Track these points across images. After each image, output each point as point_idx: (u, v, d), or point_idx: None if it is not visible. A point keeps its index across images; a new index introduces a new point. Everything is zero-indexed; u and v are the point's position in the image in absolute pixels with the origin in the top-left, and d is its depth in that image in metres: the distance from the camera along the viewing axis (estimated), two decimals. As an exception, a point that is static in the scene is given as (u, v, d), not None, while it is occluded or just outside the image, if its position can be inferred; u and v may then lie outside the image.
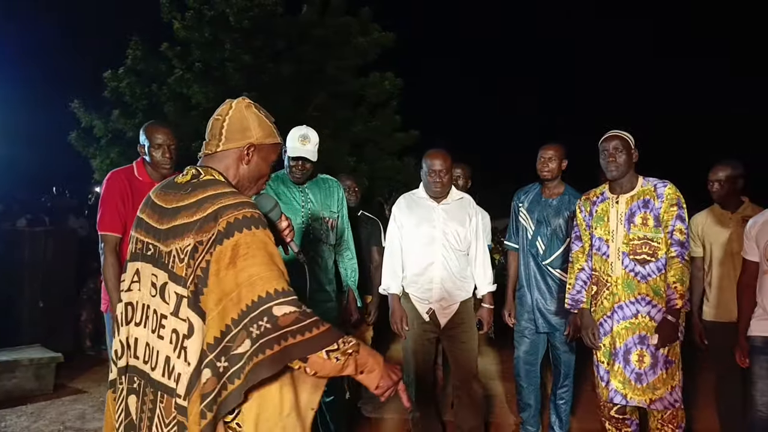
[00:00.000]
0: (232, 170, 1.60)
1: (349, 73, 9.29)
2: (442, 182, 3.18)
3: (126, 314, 1.58)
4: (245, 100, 1.64)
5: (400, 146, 9.70)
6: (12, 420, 3.98)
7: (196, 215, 1.45)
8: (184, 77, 8.50)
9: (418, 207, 3.29)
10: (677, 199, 2.80)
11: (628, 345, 2.79)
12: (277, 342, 1.36)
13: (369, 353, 1.50)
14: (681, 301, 2.71)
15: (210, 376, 1.38)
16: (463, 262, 3.26)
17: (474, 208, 3.33)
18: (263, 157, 1.63)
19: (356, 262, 3.31)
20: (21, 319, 5.55)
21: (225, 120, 1.60)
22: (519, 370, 3.58)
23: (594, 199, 2.99)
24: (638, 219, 2.81)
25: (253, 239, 1.42)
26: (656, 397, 2.75)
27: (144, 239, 1.55)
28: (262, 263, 1.41)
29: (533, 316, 3.47)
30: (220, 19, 8.61)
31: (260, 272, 1.40)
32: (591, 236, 2.97)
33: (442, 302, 3.21)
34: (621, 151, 2.83)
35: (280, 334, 1.37)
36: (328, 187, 3.19)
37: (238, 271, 1.39)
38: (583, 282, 3.01)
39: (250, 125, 1.60)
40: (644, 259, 2.79)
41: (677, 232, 2.77)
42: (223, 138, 1.59)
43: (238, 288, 1.39)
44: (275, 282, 1.41)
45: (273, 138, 1.65)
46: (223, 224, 1.42)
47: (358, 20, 9.27)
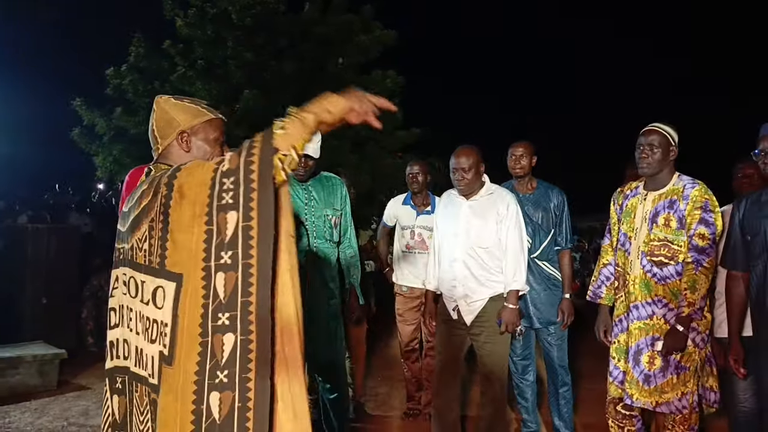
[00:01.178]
0: (180, 161, 1.63)
1: (351, 70, 9.29)
2: (465, 180, 3.18)
3: (110, 319, 1.62)
4: (162, 97, 1.71)
5: (401, 144, 9.70)
6: (16, 416, 4.00)
7: (142, 203, 1.50)
8: (186, 75, 8.51)
9: (450, 204, 3.34)
10: (704, 201, 2.63)
11: (639, 345, 2.72)
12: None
13: (318, 101, 1.55)
14: (688, 309, 2.60)
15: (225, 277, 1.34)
16: (489, 259, 3.19)
17: (506, 203, 3.20)
18: (202, 138, 1.68)
19: (359, 260, 3.33)
20: (23, 315, 5.56)
21: (153, 123, 1.69)
22: (514, 368, 3.59)
23: (627, 193, 2.89)
24: (661, 219, 2.69)
25: (188, 169, 1.45)
26: (663, 401, 2.67)
27: (119, 246, 1.61)
28: (197, 166, 1.45)
29: (527, 311, 3.46)
30: (222, 16, 8.62)
31: (200, 164, 1.45)
32: (618, 230, 2.90)
33: (467, 299, 3.19)
34: (656, 148, 2.68)
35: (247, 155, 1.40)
36: (332, 185, 3.21)
37: (187, 190, 1.40)
38: (606, 277, 2.97)
39: (173, 116, 1.66)
40: (661, 261, 2.68)
41: (697, 237, 2.62)
42: (158, 138, 1.67)
43: (197, 190, 1.39)
44: (213, 164, 1.43)
45: (201, 116, 1.69)
46: (163, 190, 1.44)
47: (359, 18, 9.27)
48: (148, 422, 1.45)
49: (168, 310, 1.39)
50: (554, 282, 3.47)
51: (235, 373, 1.31)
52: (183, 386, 1.33)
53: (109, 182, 10.67)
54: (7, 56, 14.49)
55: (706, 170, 3.44)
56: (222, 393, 1.31)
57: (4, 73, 13.30)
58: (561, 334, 3.49)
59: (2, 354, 4.52)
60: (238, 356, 1.31)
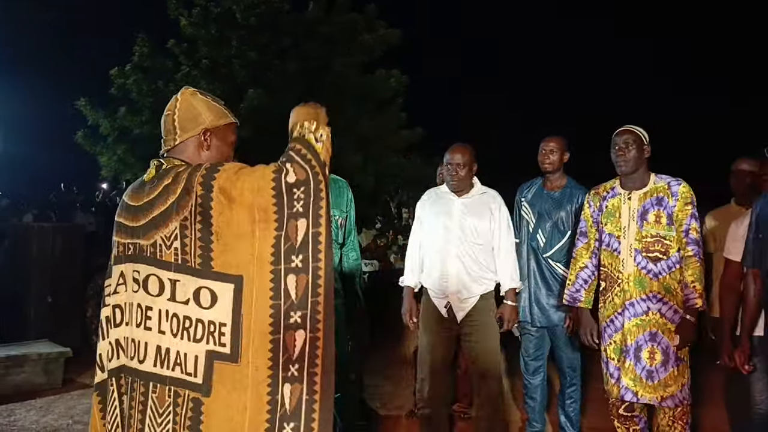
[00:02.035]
0: (195, 159, 1.62)
1: (355, 70, 9.28)
2: (458, 176, 3.21)
3: (114, 317, 1.60)
4: (188, 89, 1.68)
5: (405, 144, 9.69)
6: (21, 414, 4.01)
7: (169, 200, 1.49)
8: (191, 74, 8.51)
9: (439, 201, 3.34)
10: (691, 197, 2.78)
11: (639, 342, 2.78)
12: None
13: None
14: (701, 301, 2.70)
15: (296, 278, 1.42)
16: (483, 255, 3.24)
17: (497, 203, 3.30)
18: (221, 139, 1.67)
19: (361, 263, 3.34)
20: (28, 314, 5.58)
21: (175, 113, 1.64)
22: (525, 367, 3.58)
23: (604, 194, 2.96)
24: (651, 216, 2.79)
25: (228, 173, 1.46)
26: (668, 395, 2.74)
27: (124, 241, 1.59)
28: (250, 173, 1.46)
29: (530, 310, 3.45)
30: (226, 16, 8.63)
31: (254, 173, 1.46)
32: (600, 232, 2.95)
33: (459, 295, 3.20)
34: (631, 145, 2.80)
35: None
36: (339, 187, 3.23)
37: (238, 195, 1.43)
38: (584, 281, 3.00)
39: (200, 112, 1.64)
40: (656, 257, 2.77)
41: (693, 231, 2.75)
42: (178, 131, 1.63)
43: (251, 196, 1.43)
44: (270, 167, 1.47)
45: (225, 118, 1.68)
46: (198, 189, 1.45)
47: (363, 17, 9.26)
48: (170, 423, 1.46)
49: (225, 311, 1.44)
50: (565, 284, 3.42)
51: (304, 368, 1.41)
52: (255, 380, 1.41)
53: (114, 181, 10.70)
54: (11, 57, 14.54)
55: (701, 169, 3.45)
56: (293, 385, 1.41)
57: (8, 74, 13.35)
58: (573, 336, 3.44)
59: (7, 352, 4.54)
60: (307, 352, 1.41)
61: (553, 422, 3.77)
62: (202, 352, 1.44)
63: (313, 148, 1.49)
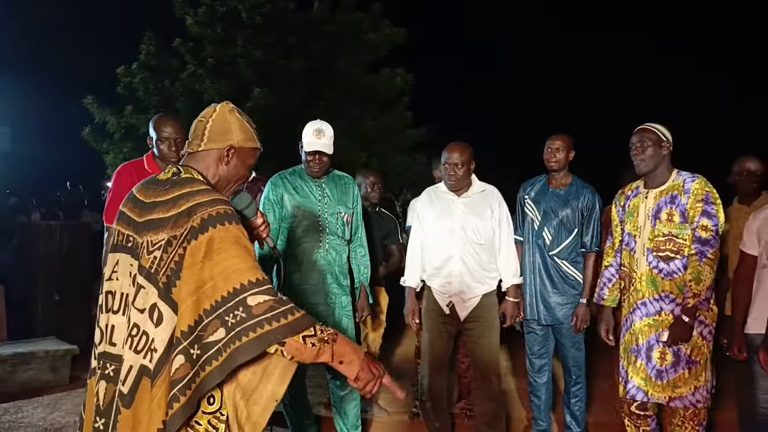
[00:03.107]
0: (212, 170, 1.67)
1: (360, 69, 9.29)
2: (456, 175, 3.19)
3: (106, 302, 1.65)
4: (229, 104, 1.71)
5: (411, 143, 9.69)
6: (29, 411, 4.04)
7: (171, 211, 1.52)
8: (196, 73, 8.55)
9: (438, 201, 3.32)
10: (705, 194, 2.69)
11: (650, 342, 2.74)
12: (253, 329, 1.43)
13: (347, 343, 1.55)
14: (693, 300, 2.63)
15: (183, 362, 1.44)
16: (485, 255, 3.24)
17: (497, 200, 3.29)
18: (242, 160, 1.70)
19: (369, 259, 3.33)
20: (36, 312, 5.61)
21: (208, 122, 1.67)
22: (530, 365, 3.58)
23: (629, 194, 2.94)
24: (664, 215, 2.74)
25: (227, 234, 1.48)
26: (676, 395, 2.70)
27: (124, 231, 1.62)
28: (236, 256, 1.47)
29: (536, 308, 3.45)
30: (232, 15, 8.66)
31: (234, 264, 1.46)
32: (622, 231, 2.93)
33: (462, 295, 3.21)
34: (647, 144, 2.75)
35: (255, 322, 1.43)
36: (344, 184, 3.23)
37: (213, 264, 1.46)
38: (608, 279, 3.00)
39: (231, 128, 1.67)
40: (668, 256, 2.72)
41: (700, 229, 2.67)
42: (205, 138, 1.66)
43: (213, 280, 1.45)
44: (249, 273, 1.46)
45: (253, 142, 1.72)
46: (197, 220, 1.48)
47: (368, 16, 9.27)
48: (111, 415, 1.54)
49: (165, 336, 1.49)
50: (571, 283, 3.40)
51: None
52: (161, 399, 1.48)
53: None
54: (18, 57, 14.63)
55: (705, 167, 3.44)
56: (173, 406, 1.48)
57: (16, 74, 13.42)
58: (576, 334, 3.43)
59: (15, 349, 4.57)
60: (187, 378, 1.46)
61: (558, 421, 3.77)
62: (137, 365, 1.50)
63: (291, 327, 1.47)
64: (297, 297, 3.04)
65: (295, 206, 3.08)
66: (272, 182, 3.14)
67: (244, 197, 1.81)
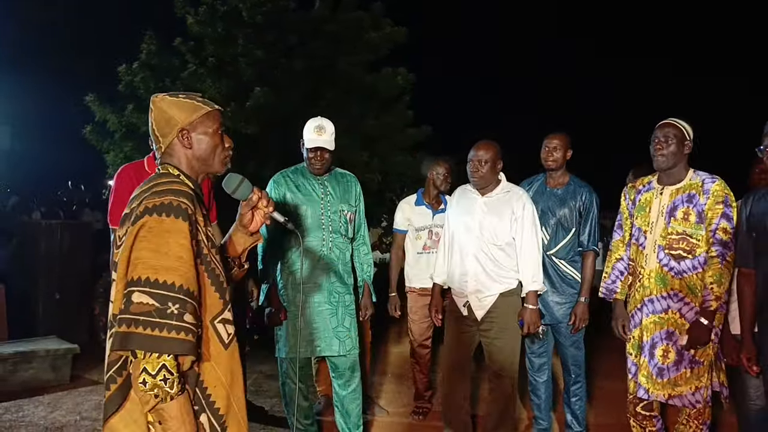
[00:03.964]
0: (183, 158, 1.67)
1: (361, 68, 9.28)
2: (480, 172, 3.18)
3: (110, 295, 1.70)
4: (158, 96, 1.71)
5: (412, 142, 9.68)
6: (29, 410, 4.04)
7: (133, 205, 1.55)
8: (197, 72, 8.53)
9: (464, 199, 3.33)
10: (725, 196, 2.66)
11: (654, 339, 2.74)
12: (127, 324, 1.41)
13: (182, 416, 1.43)
14: (716, 303, 2.61)
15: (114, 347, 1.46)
16: (501, 256, 3.20)
17: (522, 202, 3.22)
18: (202, 132, 1.68)
19: (372, 257, 3.34)
20: (36, 311, 5.62)
21: (152, 123, 1.70)
22: (529, 364, 3.58)
23: (640, 188, 2.90)
24: (680, 213, 2.71)
25: (157, 225, 1.46)
26: (675, 394, 2.69)
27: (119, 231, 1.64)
28: (152, 249, 1.44)
29: None
30: (233, 14, 8.64)
31: (144, 256, 1.44)
32: (632, 226, 2.89)
33: (478, 294, 3.20)
34: (671, 140, 2.71)
35: (126, 318, 1.41)
36: (347, 182, 3.23)
37: (133, 251, 1.46)
38: (620, 272, 2.97)
39: (171, 114, 1.66)
40: (680, 254, 2.69)
41: (720, 231, 2.63)
42: (159, 137, 1.68)
43: (129, 267, 1.46)
44: (152, 270, 1.42)
45: (198, 111, 1.68)
46: (141, 208, 1.49)
47: (370, 15, 9.25)
48: None
49: None
50: (569, 282, 3.41)
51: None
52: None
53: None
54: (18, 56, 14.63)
55: (722, 166, 3.42)
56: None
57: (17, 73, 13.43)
58: (576, 333, 3.44)
59: (16, 348, 4.57)
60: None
61: (559, 420, 3.77)
62: (108, 347, 1.52)
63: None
64: (300, 296, 3.04)
65: (298, 205, 3.08)
66: (274, 180, 3.14)
67: (232, 178, 1.75)
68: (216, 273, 1.58)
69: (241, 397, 1.62)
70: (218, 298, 1.58)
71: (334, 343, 3.05)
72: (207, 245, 1.58)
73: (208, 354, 1.54)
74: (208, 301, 1.56)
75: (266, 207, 1.77)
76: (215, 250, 1.62)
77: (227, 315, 1.61)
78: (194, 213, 1.53)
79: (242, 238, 1.81)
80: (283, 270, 3.10)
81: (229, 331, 1.60)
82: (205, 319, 1.54)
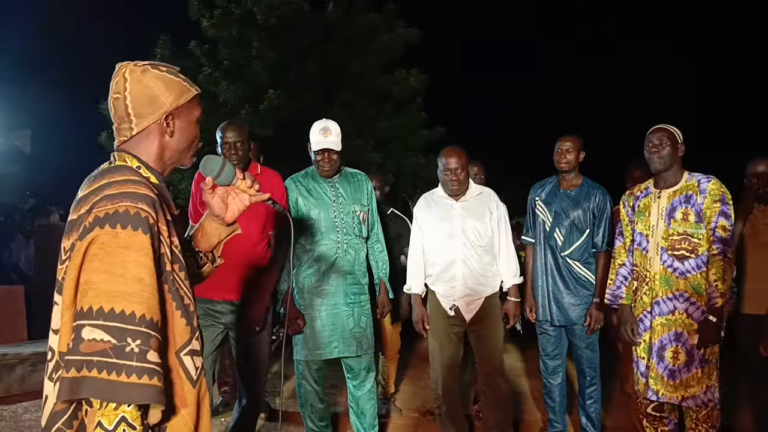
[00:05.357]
0: (156, 148, 1.38)
1: (375, 70, 9.31)
2: (458, 180, 3.20)
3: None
4: (136, 64, 1.39)
5: (425, 143, 9.69)
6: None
7: (81, 210, 1.26)
8: (212, 75, 8.61)
9: (436, 206, 3.32)
10: (721, 194, 2.72)
11: (663, 341, 2.75)
12: (77, 367, 1.14)
13: None
14: (721, 300, 2.65)
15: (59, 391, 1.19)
16: (486, 258, 3.25)
17: (495, 202, 3.31)
18: (186, 120, 1.41)
19: (387, 254, 3.33)
20: (55, 312, 5.69)
21: (126, 97, 1.36)
22: (543, 366, 3.56)
23: (638, 194, 2.95)
24: (679, 214, 2.76)
25: (112, 240, 1.18)
26: (689, 395, 2.71)
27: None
28: (105, 271, 1.17)
29: (548, 309, 3.44)
30: (247, 17, 8.71)
31: (98, 280, 1.17)
32: (633, 231, 2.93)
33: (466, 299, 3.22)
34: (666, 143, 2.77)
35: (75, 359, 1.14)
36: (357, 181, 3.22)
37: (81, 273, 1.19)
38: (624, 277, 2.99)
39: (157, 92, 1.36)
40: (683, 255, 2.73)
41: (720, 229, 2.69)
42: (132, 118, 1.35)
43: (77, 293, 1.20)
44: (106, 298, 1.16)
45: (187, 94, 1.40)
46: (91, 218, 1.21)
47: (383, 17, 9.28)
48: None
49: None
50: (583, 283, 3.39)
51: None
52: None
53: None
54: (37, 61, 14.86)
55: (719, 169, 3.40)
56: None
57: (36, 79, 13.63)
58: (591, 335, 3.42)
59: (35, 349, 4.63)
60: None
61: (574, 423, 3.74)
62: (52, 396, 1.25)
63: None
64: (317, 299, 3.05)
65: (310, 209, 3.08)
66: (285, 186, 3.14)
67: (213, 161, 1.48)
68: (181, 294, 1.31)
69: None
70: (185, 325, 1.31)
71: (352, 344, 3.06)
72: (170, 260, 1.29)
73: (175, 398, 1.28)
74: (175, 330, 1.29)
75: (250, 189, 1.50)
76: (179, 266, 1.33)
77: (195, 345, 1.34)
78: (156, 222, 1.25)
79: (217, 230, 1.54)
80: (298, 275, 3.11)
81: (196, 364, 1.33)
82: (170, 353, 1.28)
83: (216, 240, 1.56)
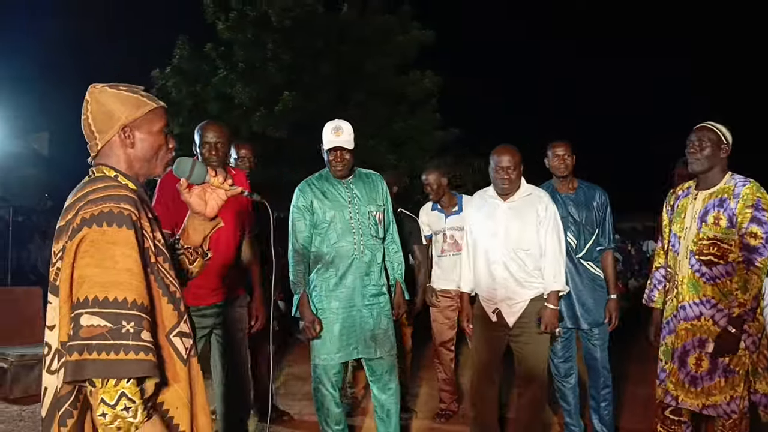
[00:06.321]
0: (123, 159, 1.50)
1: (389, 71, 9.31)
2: (510, 179, 3.12)
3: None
4: (96, 86, 1.50)
5: (439, 144, 9.67)
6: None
7: (68, 216, 1.38)
8: (228, 77, 8.67)
9: (485, 205, 3.26)
10: (756, 200, 2.57)
11: (686, 347, 2.67)
12: (79, 350, 1.25)
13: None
14: (738, 310, 2.53)
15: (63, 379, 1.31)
16: (529, 260, 3.15)
17: (544, 204, 3.18)
18: (147, 131, 1.51)
19: (402, 255, 3.31)
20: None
21: (88, 116, 1.49)
22: (555, 370, 3.53)
23: (679, 194, 2.85)
24: (710, 218, 2.64)
25: (100, 237, 1.31)
26: (710, 403, 2.62)
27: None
28: (97, 265, 1.29)
29: (574, 312, 3.40)
30: (262, 19, 8.76)
31: (90, 274, 1.29)
32: (669, 232, 2.85)
33: (508, 301, 3.15)
34: (706, 143, 2.64)
35: (77, 344, 1.26)
36: (372, 181, 3.19)
37: (76, 269, 1.31)
38: (658, 281, 2.93)
39: (112, 108, 1.47)
40: (710, 260, 2.62)
41: (749, 236, 2.55)
42: (96, 134, 1.48)
43: (72, 287, 1.31)
44: (100, 288, 1.28)
45: (143, 107, 1.50)
46: (78, 220, 1.33)
47: (397, 18, 9.28)
48: None
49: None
50: (599, 282, 3.40)
51: None
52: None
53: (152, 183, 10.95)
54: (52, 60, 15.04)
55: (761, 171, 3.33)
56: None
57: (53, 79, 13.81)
58: (605, 336, 3.42)
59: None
60: None
61: (586, 425, 3.70)
62: (52, 386, 1.37)
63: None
64: (334, 302, 3.04)
65: (326, 211, 3.06)
66: (300, 189, 3.12)
67: (184, 162, 1.59)
68: (166, 283, 1.44)
69: (203, 412, 1.50)
70: (172, 310, 1.45)
71: (371, 345, 3.04)
72: (154, 253, 1.43)
73: (168, 373, 1.41)
74: (163, 314, 1.42)
75: (223, 184, 1.61)
76: (163, 258, 1.46)
77: (184, 327, 1.47)
78: (139, 219, 1.38)
79: (201, 225, 1.66)
80: (316, 278, 3.10)
81: (186, 344, 1.46)
82: (160, 335, 1.41)
83: (201, 236, 1.69)
